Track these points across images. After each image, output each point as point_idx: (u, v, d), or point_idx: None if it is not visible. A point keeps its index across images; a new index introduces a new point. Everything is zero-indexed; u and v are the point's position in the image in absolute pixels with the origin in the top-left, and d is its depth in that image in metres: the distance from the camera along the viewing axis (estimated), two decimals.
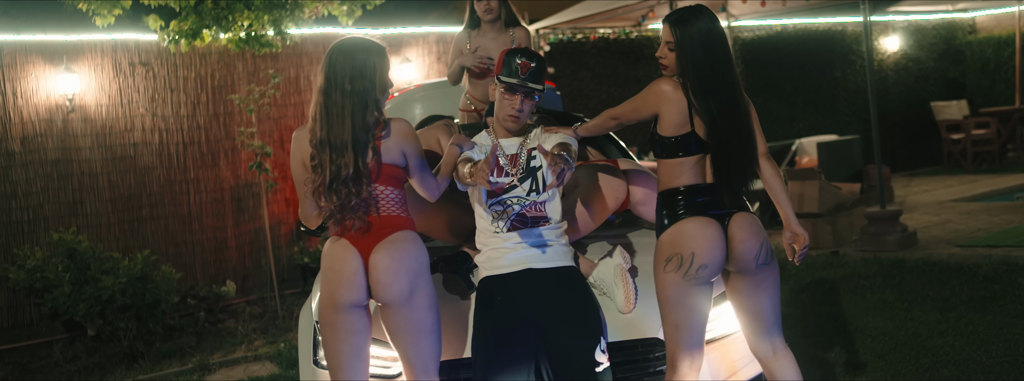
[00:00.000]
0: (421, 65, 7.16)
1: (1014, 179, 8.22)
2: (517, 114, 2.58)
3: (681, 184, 2.38)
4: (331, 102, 2.27)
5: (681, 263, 2.31)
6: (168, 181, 6.01)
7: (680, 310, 2.33)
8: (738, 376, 2.65)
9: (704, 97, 2.32)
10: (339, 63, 2.28)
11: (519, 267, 2.51)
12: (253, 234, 6.29)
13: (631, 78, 8.44)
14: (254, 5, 5.66)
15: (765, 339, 2.46)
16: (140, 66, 5.92)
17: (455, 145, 2.56)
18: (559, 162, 2.23)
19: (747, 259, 2.36)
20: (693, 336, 2.35)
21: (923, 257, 5.33)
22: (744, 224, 2.37)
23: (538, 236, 2.54)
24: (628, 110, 2.47)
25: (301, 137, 2.37)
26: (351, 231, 2.28)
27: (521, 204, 2.57)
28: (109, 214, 5.81)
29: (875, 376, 3.49)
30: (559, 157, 2.26)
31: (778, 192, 2.45)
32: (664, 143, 2.39)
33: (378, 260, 2.25)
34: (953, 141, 9.39)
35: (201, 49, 6.06)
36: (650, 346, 2.50)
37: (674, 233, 2.34)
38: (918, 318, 4.16)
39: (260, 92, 5.76)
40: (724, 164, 2.35)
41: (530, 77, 2.53)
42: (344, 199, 2.25)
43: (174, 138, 6.04)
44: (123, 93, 5.87)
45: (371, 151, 2.29)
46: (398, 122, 2.36)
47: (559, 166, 2.22)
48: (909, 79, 9.98)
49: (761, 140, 2.44)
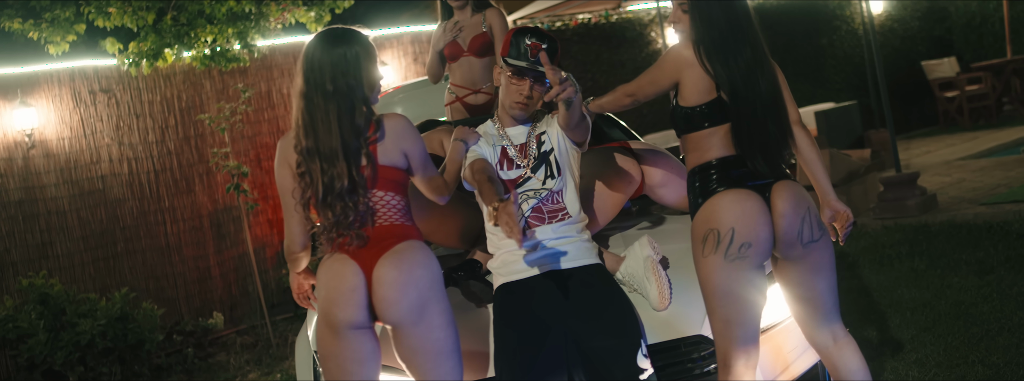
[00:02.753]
0: (398, 67, 7.02)
1: (1016, 132, 8.11)
2: (525, 101, 2.35)
3: (712, 157, 2.14)
4: (314, 107, 2.01)
5: (718, 241, 2.05)
6: (142, 212, 5.83)
7: (728, 301, 2.08)
8: (792, 370, 2.40)
9: (723, 60, 2.08)
10: (317, 60, 2.03)
11: (540, 270, 2.26)
12: (237, 260, 6.12)
13: (615, 63, 8.31)
14: (216, 19, 5.55)
15: (824, 327, 2.22)
16: (101, 93, 5.75)
17: (459, 140, 2.33)
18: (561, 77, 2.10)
19: (789, 237, 2.11)
20: (747, 330, 2.10)
21: (948, 219, 5.14)
22: (783, 194, 2.11)
23: (558, 233, 2.30)
24: (645, 83, 2.21)
25: (285, 145, 2.11)
26: (346, 247, 2.03)
27: (537, 197, 2.33)
28: (81, 253, 5.63)
29: (926, 352, 3.28)
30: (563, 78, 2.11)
31: (814, 164, 2.21)
32: (688, 114, 2.15)
33: (383, 274, 1.98)
34: (947, 99, 9.31)
35: (164, 70, 5.88)
36: (694, 344, 2.26)
37: (708, 209, 2.10)
38: (956, 284, 3.96)
39: (231, 109, 5.58)
40: (755, 132, 2.10)
41: (540, 60, 2.28)
42: (339, 215, 2.00)
43: (144, 166, 5.87)
44: (85, 123, 5.70)
45: (365, 158, 2.03)
46: (393, 118, 2.09)
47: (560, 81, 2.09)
48: (896, 40, 9.87)
49: (792, 107, 2.20)
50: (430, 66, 3.57)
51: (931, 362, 3.16)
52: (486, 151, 2.36)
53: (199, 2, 5.48)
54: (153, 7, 5.46)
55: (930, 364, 3.14)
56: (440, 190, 2.20)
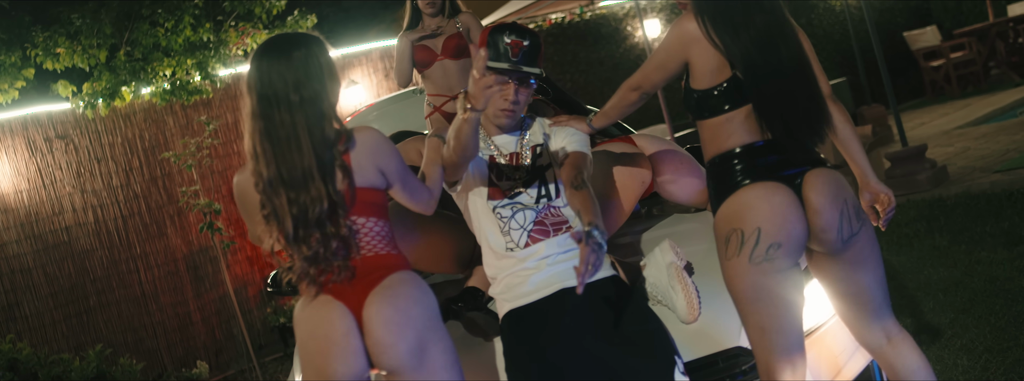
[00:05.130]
0: (369, 85, 6.83)
1: (1008, 96, 7.97)
2: (512, 107, 2.10)
3: (735, 145, 1.89)
4: (275, 125, 1.75)
5: (742, 242, 1.80)
6: (112, 262, 5.55)
7: (761, 307, 1.83)
8: (845, 374, 2.16)
9: (732, 31, 1.82)
10: (272, 71, 1.77)
11: (550, 289, 2.01)
12: (218, 302, 5.88)
13: (593, 62, 8.17)
14: (173, 50, 5.38)
15: (875, 325, 1.98)
16: (57, 140, 5.48)
17: (436, 136, 2.12)
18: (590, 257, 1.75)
19: (827, 235, 1.87)
20: (788, 337, 1.85)
21: (963, 191, 4.95)
22: (817, 185, 1.86)
23: (564, 247, 2.05)
24: (651, 70, 1.95)
25: (244, 182, 1.85)
26: (331, 285, 1.77)
27: (536, 210, 2.10)
28: (51, 311, 5.37)
29: (971, 336, 3.05)
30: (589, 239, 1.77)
31: (850, 142, 1.97)
32: (702, 98, 1.89)
33: (375, 314, 1.74)
34: (933, 69, 9.20)
35: (123, 109, 5.65)
36: (733, 358, 2.03)
37: (732, 205, 1.85)
38: (985, 259, 3.75)
39: (196, 144, 5.34)
40: (782, 113, 1.85)
41: (524, 59, 2.06)
42: (316, 246, 1.74)
43: (111, 213, 5.60)
44: (44, 173, 5.44)
45: (341, 171, 1.78)
46: (364, 132, 1.85)
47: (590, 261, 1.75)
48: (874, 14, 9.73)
49: (822, 78, 1.94)
50: (398, 73, 3.37)
51: (979, 347, 2.94)
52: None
53: (153, 34, 5.33)
54: (104, 44, 5.32)
55: (979, 349, 2.92)
56: (422, 197, 1.94)
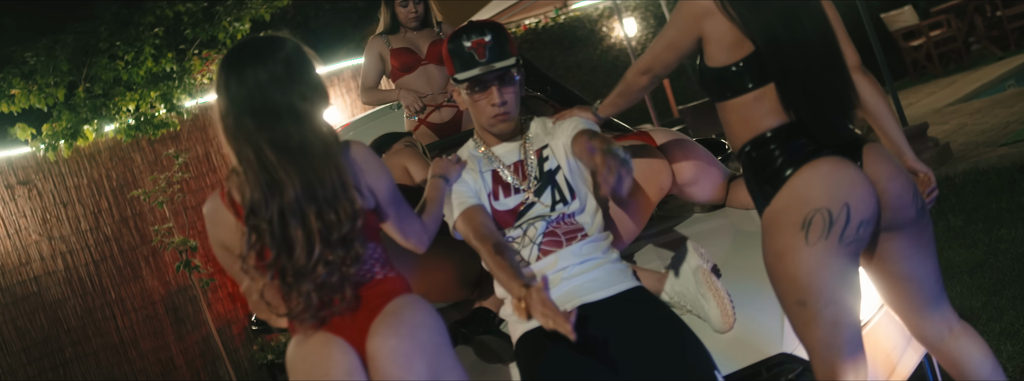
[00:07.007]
0: (343, 105, 6.70)
1: (992, 70, 7.93)
2: (503, 111, 1.92)
3: (767, 128, 1.70)
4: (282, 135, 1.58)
5: (831, 222, 1.62)
6: (86, 310, 5.37)
7: (838, 297, 1.67)
8: (900, 371, 1.99)
9: (753, 1, 1.65)
10: (258, 79, 1.58)
11: (568, 307, 1.81)
12: (202, 344, 5.71)
13: (571, 65, 8.16)
14: (135, 83, 5.20)
15: (935, 315, 1.81)
16: (19, 186, 5.31)
17: (438, 177, 1.92)
18: (613, 163, 1.53)
19: (902, 204, 1.70)
20: (855, 332, 1.70)
21: (970, 167, 4.82)
22: (879, 158, 1.71)
23: (580, 256, 1.86)
24: (660, 50, 1.77)
25: (216, 211, 1.64)
26: (330, 318, 1.59)
27: (547, 220, 1.91)
28: (24, 367, 5.18)
29: (1009, 320, 2.86)
30: (609, 154, 1.55)
31: (884, 117, 1.79)
32: (721, 77, 1.70)
33: (381, 345, 1.57)
34: (913, 48, 9.22)
35: (87, 149, 5.46)
36: (777, 367, 1.86)
37: (803, 185, 1.65)
38: (1006, 237, 3.59)
39: (166, 180, 5.22)
40: (811, 90, 1.68)
41: (493, 56, 1.89)
42: (331, 271, 1.55)
43: (81, 258, 5.43)
44: (7, 222, 5.26)
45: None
46: (354, 146, 1.68)
47: (615, 169, 1.52)
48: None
49: (850, 49, 1.77)
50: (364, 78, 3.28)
51: (1021, 331, 2.75)
52: (474, 186, 1.93)
53: (113, 68, 5.15)
54: (62, 81, 5.14)
55: (1022, 333, 2.73)
56: (417, 235, 1.75)
